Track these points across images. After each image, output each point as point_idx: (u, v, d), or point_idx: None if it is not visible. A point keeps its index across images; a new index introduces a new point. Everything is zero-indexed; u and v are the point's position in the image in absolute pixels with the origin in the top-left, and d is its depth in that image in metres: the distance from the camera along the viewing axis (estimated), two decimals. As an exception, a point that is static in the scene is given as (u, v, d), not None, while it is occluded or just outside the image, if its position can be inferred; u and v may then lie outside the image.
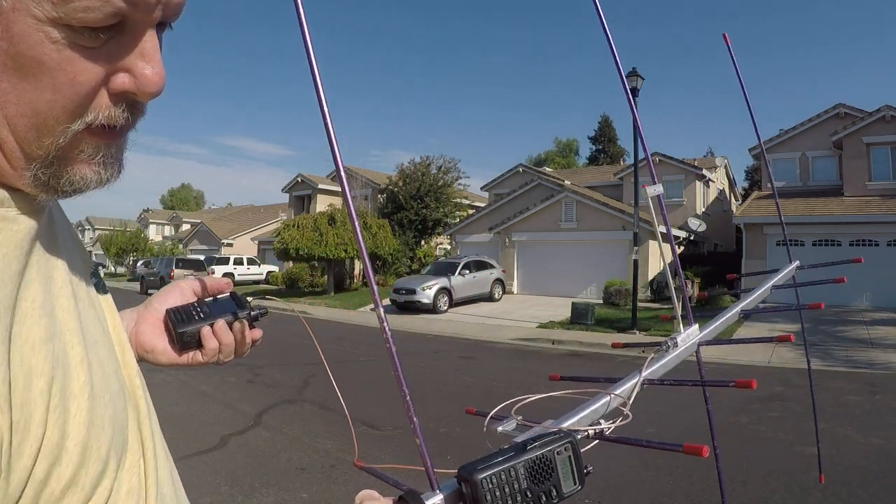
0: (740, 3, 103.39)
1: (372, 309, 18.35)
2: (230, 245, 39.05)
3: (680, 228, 20.32)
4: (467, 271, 18.21)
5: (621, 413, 0.63)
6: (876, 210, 16.35)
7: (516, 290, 21.45)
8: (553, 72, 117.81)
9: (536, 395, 0.68)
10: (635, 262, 13.42)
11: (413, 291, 16.73)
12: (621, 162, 42.42)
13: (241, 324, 0.73)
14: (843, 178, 18.48)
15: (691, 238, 22.00)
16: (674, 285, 0.83)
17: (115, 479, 0.47)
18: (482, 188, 31.27)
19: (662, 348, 0.75)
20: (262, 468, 4.41)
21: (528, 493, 0.49)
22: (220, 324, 0.72)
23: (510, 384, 7.59)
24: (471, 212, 26.77)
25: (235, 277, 29.57)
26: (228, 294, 0.77)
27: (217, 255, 32.51)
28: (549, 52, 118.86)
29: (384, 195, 27.88)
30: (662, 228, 0.83)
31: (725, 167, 29.28)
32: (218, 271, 28.56)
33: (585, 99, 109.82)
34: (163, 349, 0.71)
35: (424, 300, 16.54)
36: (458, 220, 26.34)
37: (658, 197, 0.80)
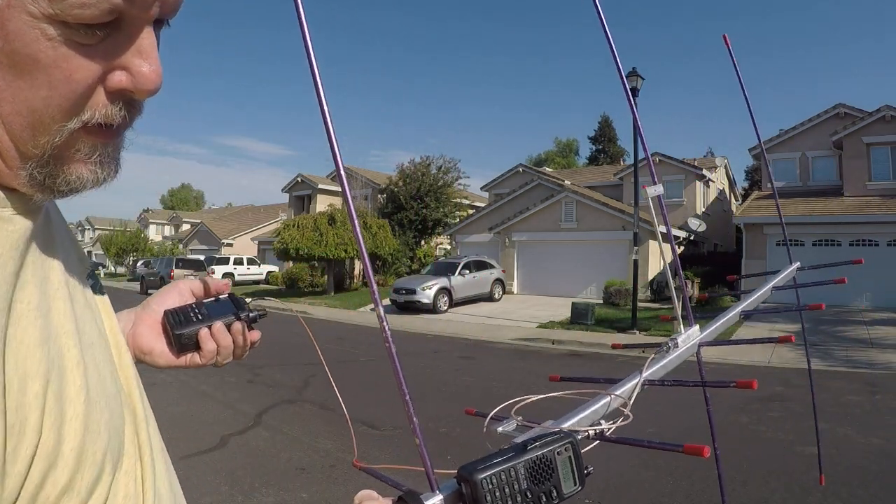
0: (740, 3, 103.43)
1: (372, 309, 18.35)
2: (230, 245, 39.05)
3: (680, 228, 20.32)
4: (467, 271, 18.21)
5: (622, 413, 0.63)
6: (876, 210, 16.35)
7: (516, 290, 21.45)
8: (553, 72, 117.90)
9: (536, 396, 0.68)
10: (635, 262, 13.42)
11: (413, 291, 16.73)
12: (621, 162, 42.42)
13: (240, 325, 0.73)
14: (843, 178, 18.48)
15: (691, 238, 22.01)
16: (674, 286, 0.83)
17: (112, 483, 0.46)
18: (482, 188, 31.27)
19: (663, 349, 0.75)
20: (262, 468, 4.41)
21: (528, 493, 0.49)
22: (219, 326, 0.71)
23: (510, 384, 7.59)
24: (471, 212, 26.76)
25: (235, 277, 29.58)
26: (227, 295, 0.76)
27: (217, 255, 32.50)
28: (549, 52, 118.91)
29: (384, 195, 27.88)
30: (663, 228, 0.83)
31: (725, 167, 29.28)
32: (218, 271, 28.59)
33: (585, 99, 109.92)
34: (160, 351, 0.71)
35: (424, 300, 16.54)
36: (458, 220, 26.33)
37: (658, 197, 0.80)
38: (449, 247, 27.68)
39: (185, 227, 52.29)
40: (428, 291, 16.64)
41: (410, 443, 4.24)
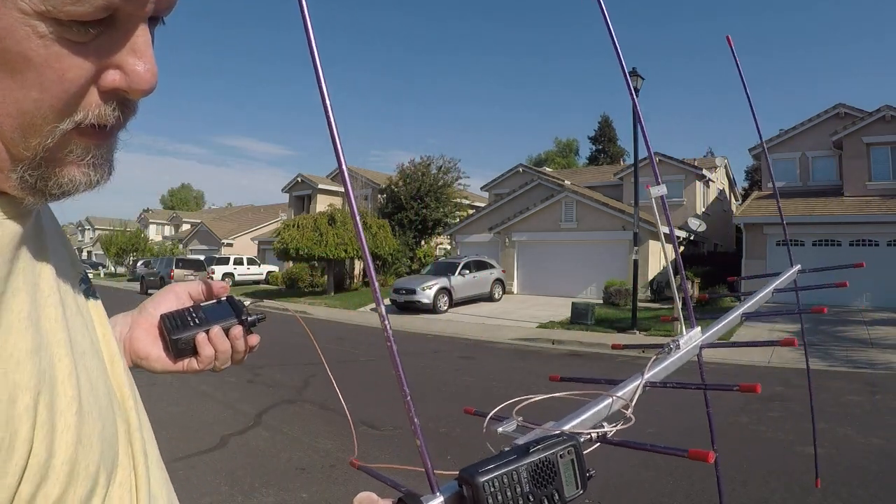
0: (740, 3, 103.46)
1: (372, 309, 18.36)
2: (230, 245, 39.05)
3: (680, 228, 20.32)
4: (467, 271, 18.21)
5: (623, 415, 0.63)
6: (876, 210, 16.35)
7: (516, 290, 21.44)
8: (553, 72, 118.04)
9: (539, 396, 0.68)
10: (635, 262, 13.42)
11: (413, 291, 16.73)
12: (621, 162, 42.43)
13: (238, 330, 0.71)
14: (843, 178, 18.48)
15: (691, 238, 22.01)
16: (676, 287, 0.83)
17: (106, 496, 0.45)
18: (482, 188, 31.27)
19: (664, 350, 0.75)
20: (262, 468, 4.41)
21: (530, 496, 0.49)
22: (216, 330, 0.69)
23: (510, 384, 7.59)
24: (471, 212, 26.77)
25: (235, 277, 29.58)
26: (225, 298, 0.75)
27: (217, 255, 32.49)
28: (549, 52, 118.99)
29: (384, 195, 27.88)
30: (665, 229, 0.83)
31: (725, 167, 29.27)
32: (218, 271, 28.59)
33: (585, 99, 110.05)
34: (157, 356, 0.69)
35: (424, 300, 16.54)
36: (458, 220, 26.33)
37: (661, 197, 0.80)
38: (449, 247, 27.68)
39: (185, 227, 52.31)
40: (428, 291, 16.64)
41: (410, 443, 4.22)
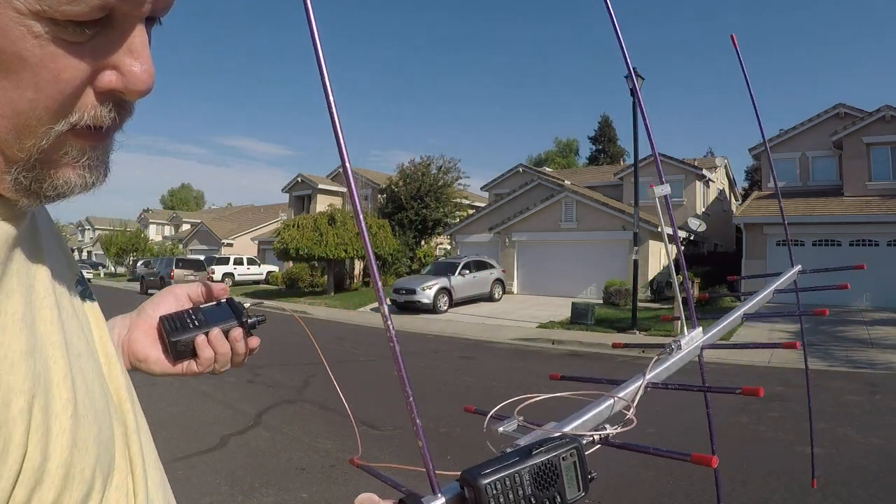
0: (740, 3, 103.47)
1: (372, 309, 18.37)
2: (230, 245, 39.05)
3: (680, 228, 20.32)
4: (467, 271, 18.21)
5: (625, 417, 0.62)
6: (876, 210, 16.35)
7: (516, 290, 21.45)
8: (553, 72, 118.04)
9: (542, 395, 0.67)
10: (635, 262, 13.42)
11: (413, 291, 16.73)
12: (621, 162, 42.44)
13: (238, 332, 0.70)
14: (843, 178, 18.48)
15: (691, 238, 22.02)
16: (678, 287, 0.83)
17: (102, 500, 0.44)
18: (482, 188, 31.28)
19: (666, 351, 0.75)
20: (262, 468, 4.41)
21: (532, 499, 0.49)
22: (216, 332, 0.69)
23: (510, 384, 7.59)
24: (471, 212, 26.77)
25: (235, 277, 29.58)
26: (225, 300, 0.74)
27: (217, 256, 32.49)
28: (549, 52, 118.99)
29: (384, 195, 27.88)
30: (669, 230, 0.83)
31: (725, 167, 29.28)
32: (218, 271, 28.59)
33: (585, 99, 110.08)
34: (156, 359, 0.68)
35: (424, 300, 16.54)
36: (458, 220, 26.34)
37: (665, 197, 0.80)
38: (449, 247, 27.68)
39: (185, 227, 52.31)
40: (428, 291, 16.64)
41: (410, 443, 4.22)
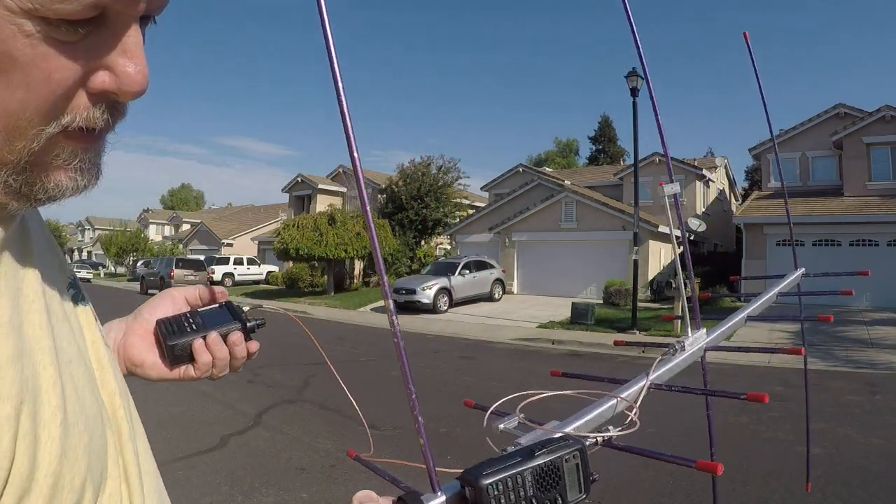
0: (740, 3, 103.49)
1: (372, 309, 18.38)
2: (230, 245, 39.05)
3: (676, 228, 20.34)
4: (467, 271, 18.21)
5: (627, 417, 0.62)
6: (876, 210, 16.35)
7: (516, 290, 21.45)
8: (553, 71, 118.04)
9: (542, 393, 0.67)
10: (635, 262, 13.43)
11: (413, 291, 16.73)
12: (621, 162, 42.44)
13: (237, 336, 0.68)
14: (843, 178, 18.48)
15: (691, 238, 22.02)
16: (684, 287, 0.83)
17: None
18: (482, 188, 31.28)
19: (669, 351, 0.74)
20: (262, 468, 4.40)
21: (533, 500, 0.48)
22: (214, 336, 0.67)
23: (510, 384, 7.59)
24: (471, 212, 26.77)
25: (235, 277, 29.59)
26: (224, 303, 0.72)
27: (217, 256, 32.49)
28: (549, 52, 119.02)
29: (384, 195, 27.87)
30: (678, 232, 0.83)
31: (725, 167, 29.28)
32: (218, 271, 28.59)
33: (585, 99, 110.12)
34: (152, 363, 0.67)
35: (424, 300, 16.54)
36: (458, 220, 26.34)
37: (675, 196, 0.80)
38: (449, 247, 27.68)
39: (185, 227, 52.30)
40: (428, 291, 16.64)
41: (410, 443, 4.22)
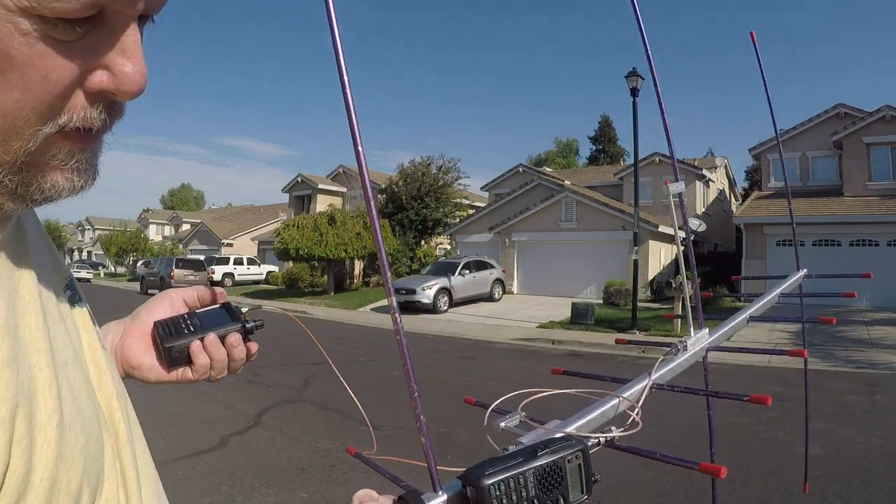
0: (740, 3, 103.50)
1: (372, 309, 18.38)
2: (230, 245, 39.04)
3: (680, 228, 20.33)
4: (467, 271, 18.21)
5: (628, 417, 0.62)
6: (876, 210, 16.35)
7: (516, 290, 21.45)
8: (553, 71, 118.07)
9: (545, 391, 0.67)
10: (635, 262, 13.43)
11: (413, 291, 16.72)
12: (621, 162, 42.45)
13: (235, 338, 0.68)
14: (844, 178, 18.49)
15: (691, 238, 22.03)
16: (688, 287, 0.83)
17: None
18: (482, 188, 31.28)
19: (671, 351, 0.74)
20: (262, 468, 4.40)
21: (535, 501, 0.48)
22: (212, 338, 0.66)
23: (510, 384, 7.58)
24: (471, 212, 26.77)
25: (235, 277, 29.59)
26: (222, 305, 0.72)
27: (217, 256, 32.49)
28: (549, 52, 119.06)
29: (384, 195, 27.87)
30: (682, 233, 0.83)
31: (725, 167, 29.28)
32: (218, 271, 28.59)
33: (585, 99, 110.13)
34: (149, 365, 0.66)
35: (424, 300, 16.53)
36: (458, 220, 26.34)
37: (680, 194, 0.80)
38: (449, 247, 27.68)
39: (185, 227, 52.30)
40: (428, 291, 16.64)
41: (411, 443, 4.21)
